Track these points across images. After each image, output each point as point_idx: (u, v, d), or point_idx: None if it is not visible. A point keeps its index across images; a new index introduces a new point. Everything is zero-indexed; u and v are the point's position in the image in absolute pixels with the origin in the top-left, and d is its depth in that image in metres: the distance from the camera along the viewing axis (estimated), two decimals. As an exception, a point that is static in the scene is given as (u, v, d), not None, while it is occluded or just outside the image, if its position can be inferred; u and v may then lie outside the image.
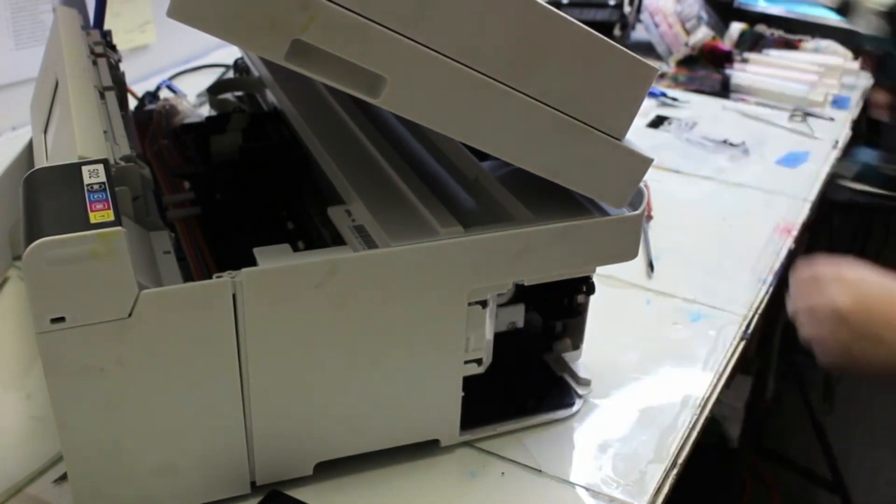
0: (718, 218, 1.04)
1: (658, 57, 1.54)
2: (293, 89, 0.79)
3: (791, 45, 1.60)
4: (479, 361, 0.64)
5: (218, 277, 0.53)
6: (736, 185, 1.12)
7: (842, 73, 1.46)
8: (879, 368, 0.69)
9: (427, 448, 0.66)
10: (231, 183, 0.73)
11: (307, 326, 0.56)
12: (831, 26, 1.56)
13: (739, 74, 1.47)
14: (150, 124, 0.90)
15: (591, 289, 0.68)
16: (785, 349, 1.71)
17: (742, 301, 0.87)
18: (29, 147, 0.84)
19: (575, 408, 0.71)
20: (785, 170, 1.18)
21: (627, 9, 1.57)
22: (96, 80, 0.72)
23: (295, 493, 0.62)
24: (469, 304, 0.61)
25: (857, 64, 1.48)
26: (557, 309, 0.69)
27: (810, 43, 1.60)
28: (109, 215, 0.50)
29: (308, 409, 0.60)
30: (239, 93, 0.96)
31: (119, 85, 0.83)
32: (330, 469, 0.63)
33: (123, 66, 0.88)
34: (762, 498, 1.70)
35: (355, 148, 0.69)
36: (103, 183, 0.53)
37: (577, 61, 0.55)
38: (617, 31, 1.57)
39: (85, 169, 0.54)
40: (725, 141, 1.23)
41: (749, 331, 0.84)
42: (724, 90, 1.44)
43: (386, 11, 0.48)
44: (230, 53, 1.28)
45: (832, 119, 1.34)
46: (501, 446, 0.67)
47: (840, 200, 1.00)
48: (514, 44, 0.52)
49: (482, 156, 0.67)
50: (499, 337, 0.65)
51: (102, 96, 0.71)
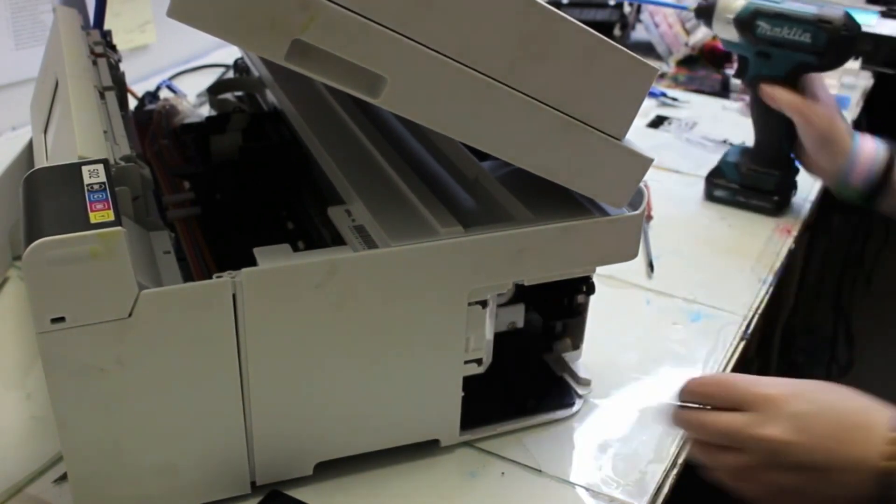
0: (718, 218, 1.04)
1: (658, 57, 1.54)
2: (293, 89, 0.80)
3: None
4: (479, 361, 0.64)
5: (218, 277, 0.53)
6: (736, 185, 1.12)
7: (841, 74, 1.46)
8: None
9: (427, 448, 0.66)
10: (231, 183, 0.73)
11: (307, 326, 0.56)
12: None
13: (739, 74, 1.47)
14: (150, 124, 0.90)
15: (591, 289, 0.68)
16: (785, 349, 1.71)
17: (742, 301, 0.87)
18: (29, 147, 0.84)
19: (575, 408, 0.71)
20: (785, 170, 1.17)
21: (627, 9, 1.57)
22: (96, 80, 0.72)
23: (295, 493, 0.62)
24: (469, 304, 0.61)
25: (857, 64, 1.48)
26: (557, 309, 0.69)
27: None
28: (109, 215, 0.50)
29: (308, 409, 0.60)
30: (239, 93, 0.96)
31: (119, 85, 0.83)
32: (330, 469, 0.63)
33: (123, 66, 0.88)
34: (762, 498, 1.70)
35: (355, 148, 0.69)
36: (103, 183, 0.53)
37: (577, 61, 0.55)
38: (617, 31, 1.57)
39: (85, 169, 0.54)
40: (725, 141, 1.23)
41: (749, 331, 0.84)
42: (724, 90, 1.44)
43: (386, 11, 0.48)
44: (230, 53, 1.28)
45: (832, 119, 1.34)
46: (501, 446, 0.67)
47: (718, 197, 1.06)
48: (514, 44, 0.52)
49: (482, 156, 0.67)
50: (499, 337, 0.65)
51: (102, 96, 0.71)
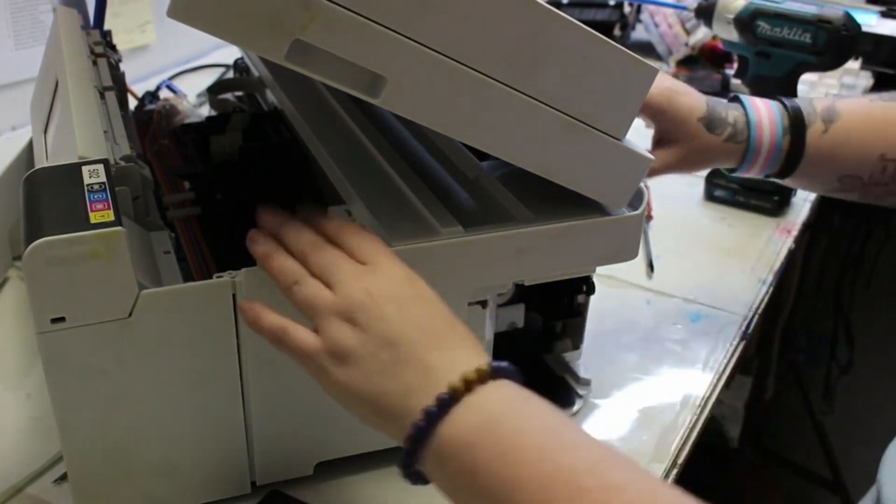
0: (718, 218, 1.04)
1: (658, 57, 1.54)
2: (293, 89, 0.79)
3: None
4: (480, 361, 0.64)
5: (218, 277, 0.53)
6: (736, 185, 1.12)
7: (842, 74, 1.46)
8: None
9: (427, 448, 0.66)
10: (231, 183, 0.72)
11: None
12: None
13: (739, 74, 1.47)
14: (150, 124, 0.90)
15: (592, 289, 0.68)
16: (785, 349, 1.71)
17: (742, 301, 0.87)
18: (29, 147, 0.84)
19: (575, 408, 0.71)
20: (785, 170, 1.17)
21: (627, 9, 1.57)
22: (96, 80, 0.72)
23: (295, 493, 0.62)
24: (469, 304, 0.61)
25: (857, 64, 1.48)
26: (557, 309, 0.69)
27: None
28: (109, 215, 0.50)
29: (309, 409, 0.60)
30: (239, 93, 0.96)
31: (119, 85, 0.83)
32: (330, 469, 0.63)
33: (123, 66, 0.88)
34: (762, 498, 1.70)
35: (355, 148, 0.69)
36: (103, 183, 0.53)
37: (578, 61, 0.55)
38: (617, 31, 1.57)
39: (85, 169, 0.54)
40: (725, 141, 1.23)
41: (749, 331, 0.84)
42: (724, 90, 1.44)
43: (386, 11, 0.48)
44: (230, 53, 1.28)
45: (832, 119, 1.34)
46: (501, 446, 0.67)
47: (718, 197, 1.06)
48: (514, 44, 0.52)
49: (482, 156, 0.67)
50: (499, 337, 0.65)
51: (102, 96, 0.71)
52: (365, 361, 0.47)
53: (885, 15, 1.43)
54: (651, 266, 0.92)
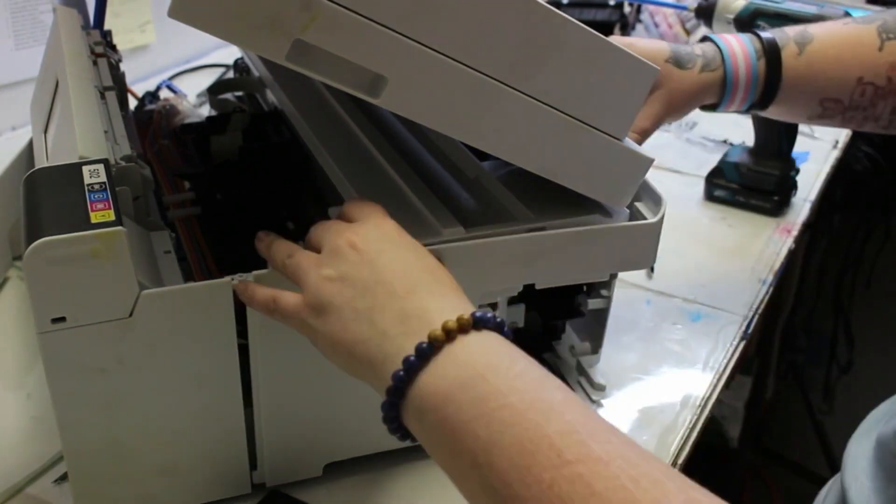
0: (718, 218, 1.04)
1: (658, 57, 1.54)
2: (293, 89, 0.79)
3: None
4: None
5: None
6: (736, 185, 1.12)
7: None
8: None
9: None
10: (231, 183, 0.73)
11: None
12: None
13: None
14: (151, 124, 0.90)
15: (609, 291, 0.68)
16: (785, 349, 1.71)
17: (742, 301, 0.87)
18: (29, 147, 0.84)
19: (575, 408, 0.71)
20: (785, 170, 1.17)
21: (627, 9, 1.57)
22: (96, 80, 0.72)
23: (302, 494, 0.62)
24: (480, 307, 0.60)
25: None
26: (558, 309, 0.69)
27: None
28: (110, 215, 0.50)
29: (317, 410, 0.60)
30: (239, 93, 0.96)
31: (119, 85, 0.83)
32: (337, 470, 0.63)
33: (123, 66, 0.88)
34: (762, 498, 1.70)
35: (355, 148, 0.69)
36: (104, 183, 0.53)
37: (578, 61, 0.55)
38: (617, 31, 1.56)
39: (85, 169, 0.54)
40: (725, 141, 1.23)
41: (749, 331, 0.84)
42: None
43: (386, 11, 0.48)
44: (230, 53, 1.28)
45: (832, 119, 1.34)
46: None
47: (718, 197, 1.06)
48: (515, 44, 0.52)
49: (482, 156, 0.67)
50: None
51: (102, 96, 0.71)
52: (342, 310, 0.46)
53: (885, 15, 1.43)
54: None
